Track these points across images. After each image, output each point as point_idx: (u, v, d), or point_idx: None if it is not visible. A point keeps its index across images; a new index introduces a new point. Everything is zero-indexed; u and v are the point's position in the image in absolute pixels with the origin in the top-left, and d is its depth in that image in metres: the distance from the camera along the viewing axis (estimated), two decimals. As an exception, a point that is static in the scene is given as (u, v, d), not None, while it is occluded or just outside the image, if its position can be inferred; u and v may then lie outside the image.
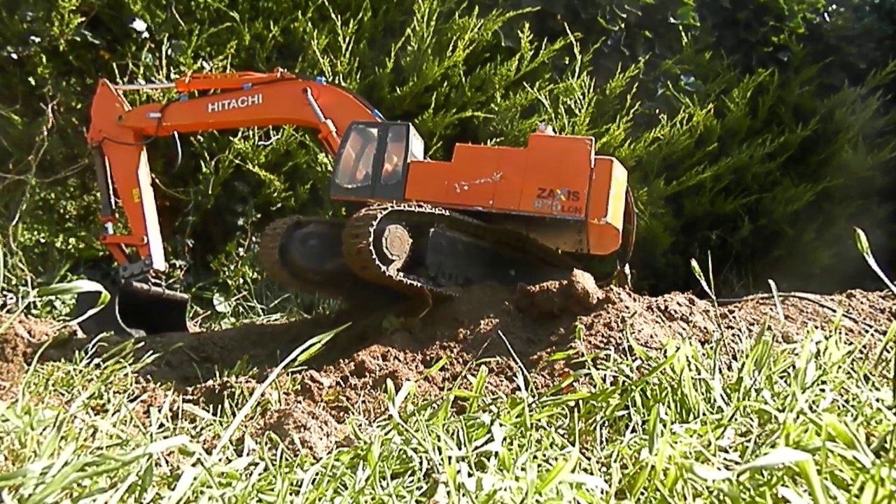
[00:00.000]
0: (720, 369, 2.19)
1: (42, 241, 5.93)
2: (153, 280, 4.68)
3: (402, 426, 1.76)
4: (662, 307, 3.15)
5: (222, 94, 4.65)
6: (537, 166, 3.81)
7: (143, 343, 3.53)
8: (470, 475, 1.43)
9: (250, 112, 4.58)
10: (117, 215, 4.98)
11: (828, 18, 9.92)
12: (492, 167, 3.85)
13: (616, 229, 3.87)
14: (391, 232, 3.45)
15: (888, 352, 2.25)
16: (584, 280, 3.22)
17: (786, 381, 1.96)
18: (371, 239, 3.32)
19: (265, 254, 3.93)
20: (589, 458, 1.67)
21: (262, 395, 2.45)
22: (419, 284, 3.47)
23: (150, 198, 4.82)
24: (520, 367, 2.66)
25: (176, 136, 4.91)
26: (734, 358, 2.48)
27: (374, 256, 3.33)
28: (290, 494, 1.50)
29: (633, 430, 1.78)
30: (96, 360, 2.78)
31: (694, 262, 2.40)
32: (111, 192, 4.89)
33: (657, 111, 7.84)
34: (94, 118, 4.93)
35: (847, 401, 1.79)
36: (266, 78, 4.63)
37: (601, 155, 3.91)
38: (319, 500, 1.48)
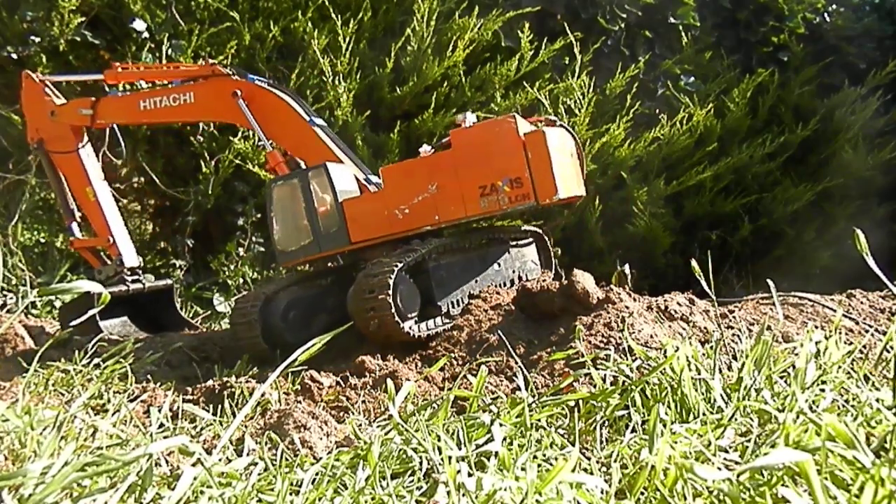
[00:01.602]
0: (720, 369, 2.19)
1: (42, 241, 5.93)
2: (131, 278, 4.50)
3: (402, 426, 1.76)
4: (662, 307, 3.15)
5: (154, 90, 4.41)
6: (468, 164, 3.49)
7: (142, 343, 3.54)
8: (470, 475, 1.43)
9: (183, 111, 4.35)
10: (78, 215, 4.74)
11: (828, 18, 9.92)
12: (424, 180, 3.55)
13: (573, 196, 3.67)
14: (402, 291, 3.27)
15: (888, 352, 2.24)
16: (584, 280, 3.22)
17: (786, 381, 1.96)
18: (393, 310, 3.16)
19: (249, 344, 3.55)
20: (589, 458, 1.67)
21: (262, 395, 2.45)
22: (439, 330, 3.33)
23: (107, 193, 4.59)
24: (520, 366, 2.67)
25: (116, 128, 4.66)
26: (734, 358, 2.47)
27: (401, 325, 3.19)
28: (290, 494, 1.50)
29: (633, 430, 1.77)
30: (96, 360, 2.78)
31: (694, 262, 2.40)
32: (66, 193, 4.64)
33: (657, 111, 7.83)
34: (28, 115, 4.66)
35: (847, 401, 1.79)
36: (197, 72, 4.38)
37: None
38: (319, 500, 1.48)
